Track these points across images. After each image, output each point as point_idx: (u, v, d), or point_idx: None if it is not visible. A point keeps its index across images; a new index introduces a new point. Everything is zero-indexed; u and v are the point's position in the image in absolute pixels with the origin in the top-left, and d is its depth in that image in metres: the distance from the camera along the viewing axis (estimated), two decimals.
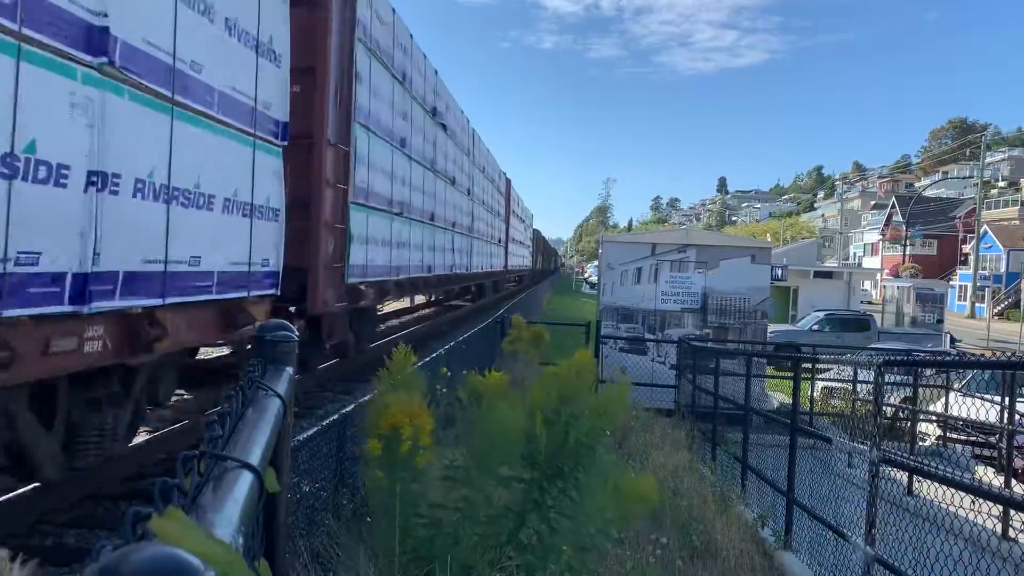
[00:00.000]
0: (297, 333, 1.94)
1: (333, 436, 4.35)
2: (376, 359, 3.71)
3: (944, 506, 4.31)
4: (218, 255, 5.60)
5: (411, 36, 12.50)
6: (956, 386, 11.14)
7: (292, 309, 8.05)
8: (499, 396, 3.50)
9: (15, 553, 0.59)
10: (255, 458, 1.12)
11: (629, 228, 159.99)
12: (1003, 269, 55.40)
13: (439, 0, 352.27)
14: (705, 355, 10.78)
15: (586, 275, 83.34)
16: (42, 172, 3.75)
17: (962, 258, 59.46)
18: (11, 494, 4.97)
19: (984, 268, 52.67)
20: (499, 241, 28.82)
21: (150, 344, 4.73)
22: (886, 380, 5.18)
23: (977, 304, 50.30)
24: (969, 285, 52.58)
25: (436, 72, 14.94)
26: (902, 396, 11.92)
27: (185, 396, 9.47)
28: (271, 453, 1.32)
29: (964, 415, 9.46)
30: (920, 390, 11.05)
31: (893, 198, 75.33)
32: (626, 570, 4.30)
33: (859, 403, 11.56)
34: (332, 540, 3.71)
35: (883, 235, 71.90)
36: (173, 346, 5.19)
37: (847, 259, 77.41)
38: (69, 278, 3.97)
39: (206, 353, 8.97)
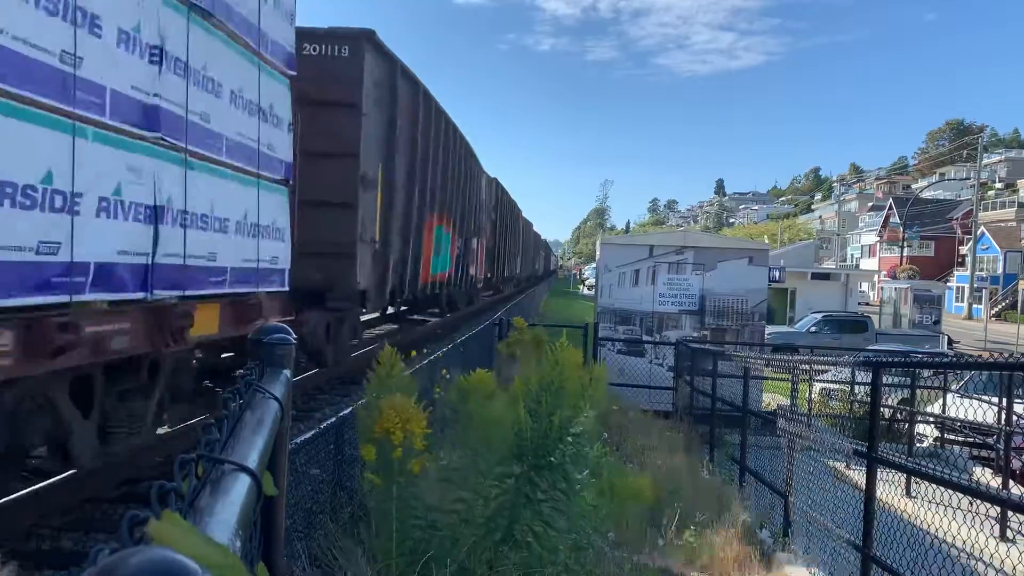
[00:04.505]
0: (295, 336, 1.94)
1: (330, 439, 4.35)
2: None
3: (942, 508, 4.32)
4: None
5: None
6: (953, 387, 11.15)
7: None
8: (486, 394, 3.51)
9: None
10: (252, 461, 1.12)
11: (627, 230, 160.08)
12: (1000, 270, 55.49)
13: (437, 1, 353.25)
14: (703, 357, 10.79)
15: (584, 278, 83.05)
16: None
17: (959, 259, 59.53)
18: (8, 497, 4.96)
19: (981, 269, 52.72)
20: None
21: None
22: (883, 381, 5.19)
23: (974, 305, 50.38)
24: (966, 286, 52.64)
25: None
26: (900, 397, 11.94)
27: None
28: (268, 456, 1.32)
29: (962, 416, 9.48)
30: (918, 391, 11.06)
31: (890, 200, 75.42)
32: (623, 571, 4.29)
33: (857, 404, 11.58)
34: (330, 543, 3.70)
35: (880, 237, 72.00)
36: None
37: (844, 261, 77.53)
38: None
39: None
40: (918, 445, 10.48)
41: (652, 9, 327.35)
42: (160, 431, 6.84)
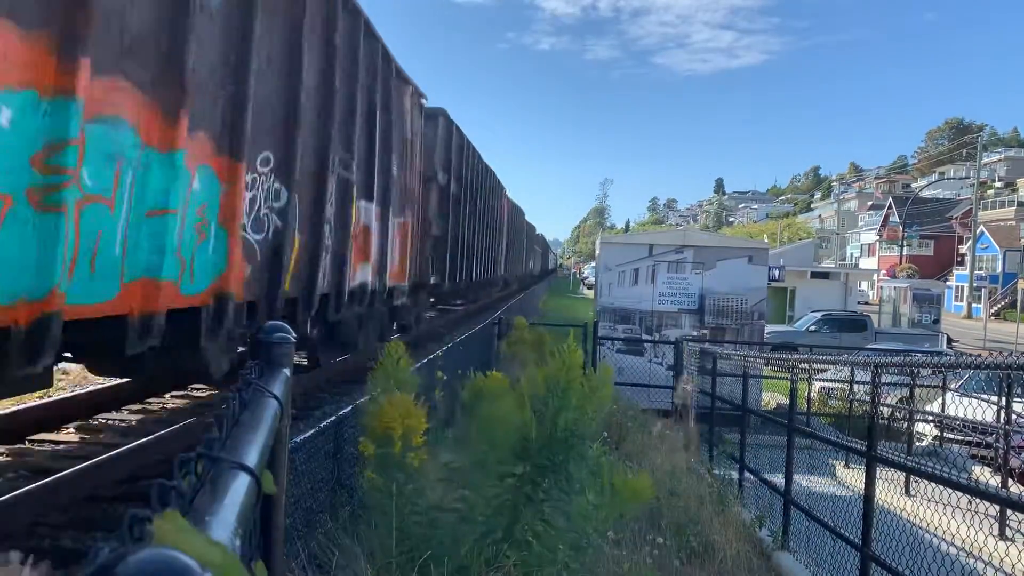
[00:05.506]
0: (294, 334, 1.93)
1: (330, 437, 4.35)
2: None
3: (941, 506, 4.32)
4: None
5: None
6: (952, 386, 11.16)
7: None
8: (500, 395, 3.52)
9: (26, 555, 0.59)
10: (252, 460, 1.13)
11: (626, 229, 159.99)
12: (999, 269, 55.51)
13: (437, 0, 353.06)
14: (702, 356, 10.79)
15: (583, 277, 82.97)
16: None
17: (959, 258, 59.56)
18: (9, 495, 4.96)
19: (981, 268, 52.77)
20: None
21: None
22: (882, 380, 5.19)
23: (974, 304, 50.40)
24: (966, 285, 52.67)
25: None
26: (899, 396, 11.95)
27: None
28: (268, 455, 1.32)
29: (961, 415, 9.49)
30: (917, 390, 11.06)
31: (890, 199, 75.45)
32: (623, 571, 4.30)
33: (856, 403, 11.59)
34: (330, 541, 3.70)
35: (880, 236, 72.02)
36: None
37: (844, 260, 77.53)
38: None
39: None
40: (917, 444, 10.48)
41: (652, 8, 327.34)
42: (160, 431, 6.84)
